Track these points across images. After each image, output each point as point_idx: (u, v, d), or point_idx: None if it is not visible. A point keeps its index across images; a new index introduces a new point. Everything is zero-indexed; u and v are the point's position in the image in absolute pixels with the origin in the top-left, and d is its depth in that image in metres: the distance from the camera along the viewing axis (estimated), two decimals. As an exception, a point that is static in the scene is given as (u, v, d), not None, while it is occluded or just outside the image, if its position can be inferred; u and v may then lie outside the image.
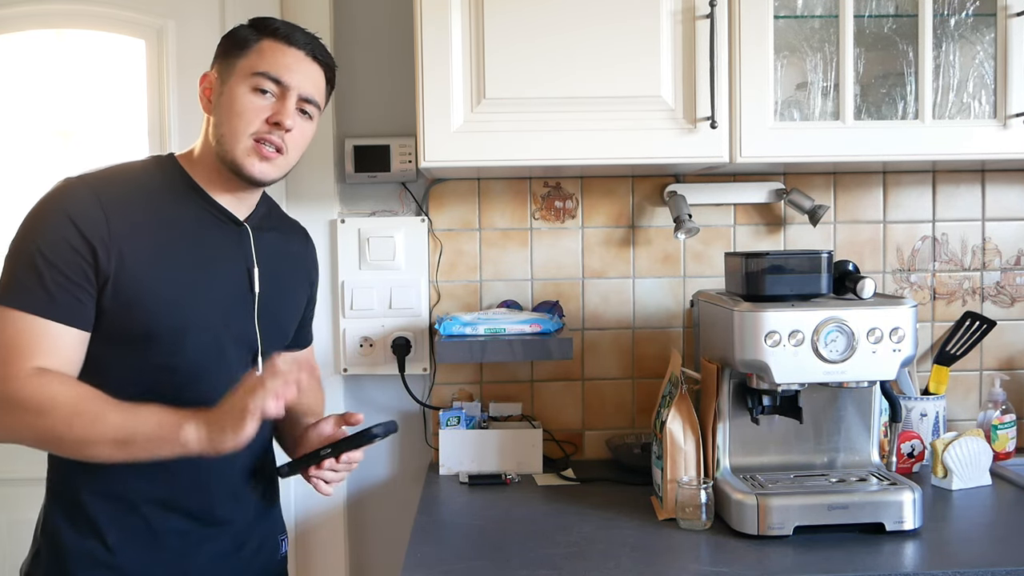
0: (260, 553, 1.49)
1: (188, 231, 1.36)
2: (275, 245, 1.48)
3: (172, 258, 1.32)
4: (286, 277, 1.51)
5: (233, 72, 1.35)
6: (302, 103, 1.37)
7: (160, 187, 1.37)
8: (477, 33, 1.68)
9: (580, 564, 1.42)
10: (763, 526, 1.50)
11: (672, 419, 1.62)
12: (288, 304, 1.52)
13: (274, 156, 1.36)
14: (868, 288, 1.60)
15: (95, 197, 1.29)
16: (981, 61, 1.78)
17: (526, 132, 1.69)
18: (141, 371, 1.31)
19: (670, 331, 2.08)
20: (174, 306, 1.31)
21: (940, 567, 1.38)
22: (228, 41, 1.39)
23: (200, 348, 1.34)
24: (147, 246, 1.30)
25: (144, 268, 1.29)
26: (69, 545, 1.33)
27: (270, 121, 1.34)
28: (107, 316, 1.28)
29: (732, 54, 1.70)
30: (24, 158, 2.09)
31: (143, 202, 1.33)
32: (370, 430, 1.33)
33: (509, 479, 1.88)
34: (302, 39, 1.38)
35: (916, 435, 1.90)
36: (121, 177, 1.36)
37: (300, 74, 1.36)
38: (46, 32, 2.06)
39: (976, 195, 2.10)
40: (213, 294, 1.36)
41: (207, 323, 1.35)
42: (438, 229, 2.06)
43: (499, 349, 1.81)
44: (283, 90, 1.35)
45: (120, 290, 1.27)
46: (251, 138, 1.34)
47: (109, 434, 1.22)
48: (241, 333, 1.40)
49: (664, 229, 2.07)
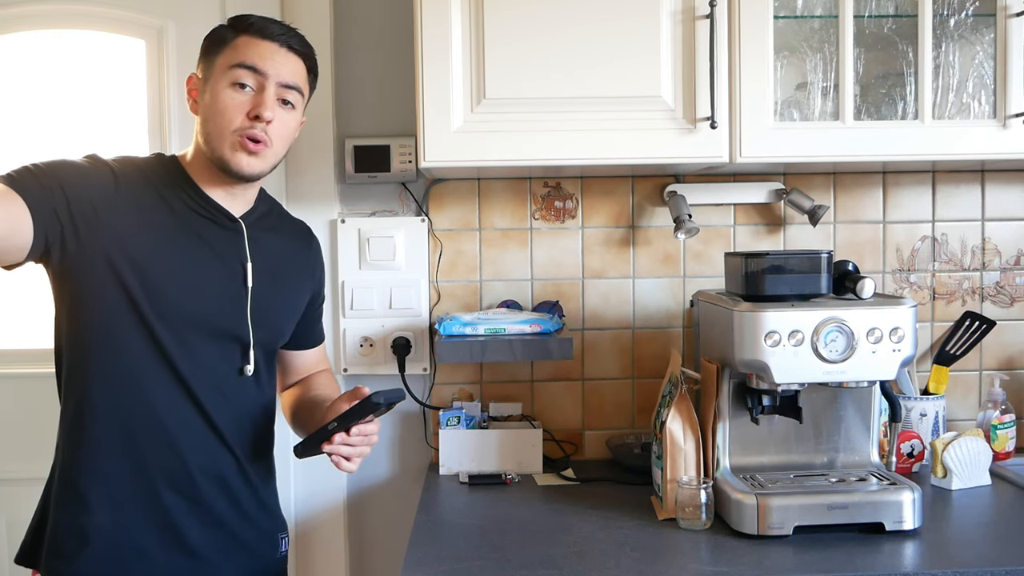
0: (259, 548, 1.49)
1: (184, 224, 1.39)
2: (274, 243, 1.50)
3: (166, 244, 1.36)
4: (284, 275, 1.52)
5: (213, 70, 1.39)
6: (283, 91, 1.39)
7: (162, 181, 1.41)
8: (477, 33, 1.68)
9: (580, 564, 1.42)
10: (763, 526, 1.50)
11: (672, 419, 1.62)
12: (285, 301, 1.53)
13: (259, 149, 1.38)
14: (868, 288, 1.60)
15: (113, 173, 1.36)
16: (981, 61, 1.78)
17: (526, 132, 1.69)
18: (124, 354, 1.33)
19: (670, 331, 2.08)
20: (162, 288, 1.34)
21: (940, 567, 1.38)
22: (208, 41, 1.42)
23: (189, 338, 1.36)
24: (145, 229, 1.35)
25: (138, 248, 1.33)
26: (61, 522, 1.36)
27: (250, 115, 1.36)
28: (94, 288, 1.31)
29: (732, 54, 1.70)
30: (24, 158, 2.08)
31: (147, 191, 1.38)
32: (370, 398, 1.32)
33: (509, 479, 1.88)
34: (277, 30, 1.40)
35: (916, 435, 1.90)
36: (132, 164, 1.41)
37: (276, 63, 1.38)
38: (46, 32, 2.06)
39: (976, 195, 2.10)
40: (204, 285, 1.39)
41: (196, 313, 1.37)
42: (438, 229, 2.06)
43: (499, 349, 1.81)
44: (261, 80, 1.37)
45: (111, 263, 1.31)
46: (235, 135, 1.36)
47: None
48: (231, 326, 1.42)
49: (664, 229, 2.07)
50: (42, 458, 1.44)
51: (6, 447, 2.08)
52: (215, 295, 1.40)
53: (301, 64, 1.43)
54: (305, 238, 1.62)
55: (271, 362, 1.53)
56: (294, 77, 1.41)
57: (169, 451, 1.36)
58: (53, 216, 1.27)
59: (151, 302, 1.33)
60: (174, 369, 1.36)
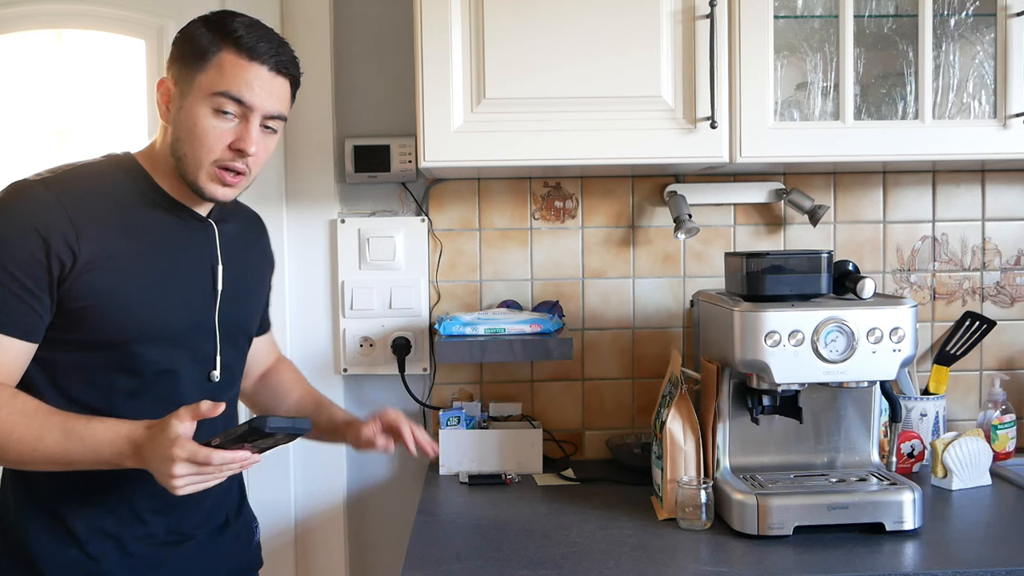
0: (236, 544, 1.50)
1: (151, 233, 1.32)
2: (236, 237, 1.46)
3: (135, 262, 1.28)
4: (247, 270, 1.48)
5: (192, 87, 1.27)
6: (267, 120, 1.31)
7: (121, 189, 1.31)
8: (477, 33, 1.68)
9: (580, 564, 1.42)
10: (763, 526, 1.50)
11: (672, 419, 1.62)
12: (250, 298, 1.50)
13: (237, 181, 1.31)
14: (868, 288, 1.60)
15: (57, 200, 1.23)
16: (981, 61, 1.78)
17: (526, 132, 1.69)
18: (101, 371, 1.29)
19: (670, 331, 2.08)
20: (137, 311, 1.28)
21: (940, 567, 1.38)
22: (186, 46, 1.29)
23: (162, 351, 1.31)
24: (110, 249, 1.26)
25: (107, 273, 1.25)
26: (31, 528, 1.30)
27: (232, 147, 1.28)
28: (68, 319, 1.25)
29: (732, 54, 1.70)
30: (24, 158, 2.08)
31: (105, 204, 1.28)
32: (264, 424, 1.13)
33: (509, 479, 1.88)
34: (265, 50, 1.28)
35: (916, 435, 1.90)
36: (81, 178, 1.30)
37: (264, 92, 1.28)
38: (46, 32, 2.06)
39: (976, 195, 2.10)
40: (177, 297, 1.33)
41: (170, 327, 1.32)
42: (438, 229, 2.06)
43: (499, 349, 1.81)
44: (245, 111, 1.28)
45: (82, 294, 1.24)
46: (213, 165, 1.29)
47: (47, 458, 1.20)
48: (202, 333, 1.37)
49: (664, 229, 2.07)
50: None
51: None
52: (188, 304, 1.34)
53: (287, 87, 1.33)
54: (258, 227, 1.58)
55: (239, 365, 1.49)
56: (279, 105, 1.31)
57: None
58: (40, 311, 1.23)
59: (125, 324, 1.27)
60: (150, 384, 1.31)
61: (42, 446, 1.19)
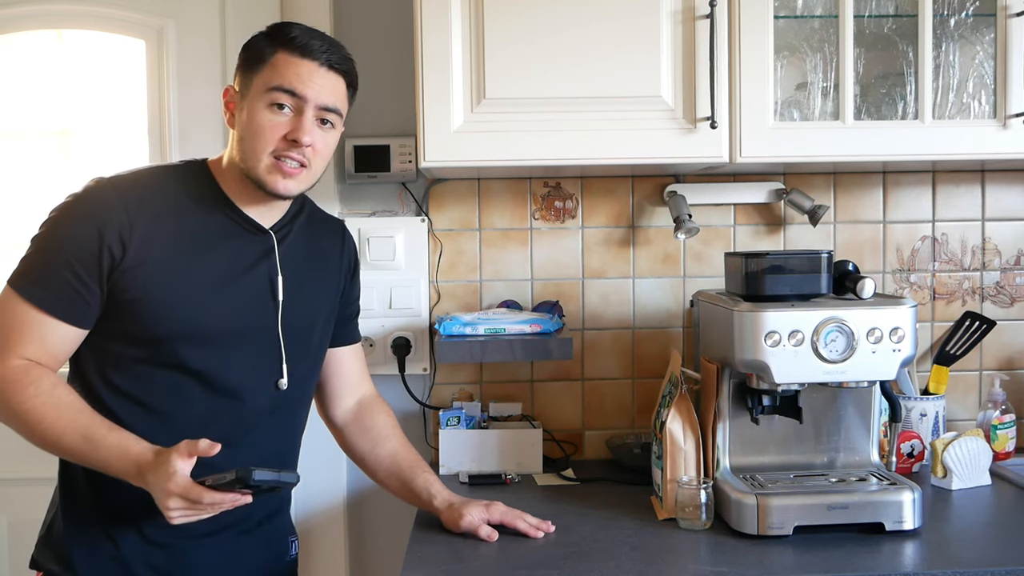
0: (267, 551, 1.50)
1: (211, 240, 1.37)
2: (303, 248, 1.48)
3: (182, 263, 1.34)
4: (313, 280, 1.50)
5: (251, 88, 1.35)
6: (322, 112, 1.36)
7: (188, 194, 1.38)
8: (477, 33, 1.68)
9: (580, 564, 1.42)
10: (763, 526, 1.50)
11: (672, 419, 1.62)
12: (316, 308, 1.51)
13: (297, 172, 1.35)
14: (868, 288, 1.60)
15: (119, 198, 1.32)
16: (981, 61, 1.78)
17: (526, 132, 1.69)
18: (141, 364, 1.34)
19: (670, 331, 2.08)
20: (178, 310, 1.32)
21: (940, 567, 1.38)
22: (246, 53, 1.38)
23: (207, 352, 1.35)
24: (168, 252, 1.33)
25: (154, 270, 1.31)
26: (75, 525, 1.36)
27: (288, 138, 1.34)
28: (117, 311, 1.31)
29: (732, 54, 1.70)
30: (24, 158, 2.09)
31: (169, 208, 1.35)
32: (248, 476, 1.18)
33: (509, 479, 1.88)
34: (318, 47, 1.35)
35: (916, 435, 1.90)
36: (150, 181, 1.38)
37: (316, 85, 1.34)
38: (46, 32, 2.06)
39: (976, 195, 2.10)
40: (223, 301, 1.36)
41: (214, 329, 1.35)
42: (438, 229, 2.06)
43: (499, 349, 1.81)
44: (299, 103, 1.34)
45: (128, 288, 1.30)
46: (271, 156, 1.34)
47: (64, 452, 1.29)
48: (262, 340, 1.40)
49: (664, 229, 2.07)
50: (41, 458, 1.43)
51: (6, 447, 2.08)
52: (245, 313, 1.38)
53: (341, 82, 1.39)
54: (337, 233, 1.60)
55: (311, 377, 1.52)
56: (333, 98, 1.37)
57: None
58: (91, 301, 1.30)
59: (176, 327, 1.32)
60: (205, 388, 1.35)
61: (62, 441, 1.27)
